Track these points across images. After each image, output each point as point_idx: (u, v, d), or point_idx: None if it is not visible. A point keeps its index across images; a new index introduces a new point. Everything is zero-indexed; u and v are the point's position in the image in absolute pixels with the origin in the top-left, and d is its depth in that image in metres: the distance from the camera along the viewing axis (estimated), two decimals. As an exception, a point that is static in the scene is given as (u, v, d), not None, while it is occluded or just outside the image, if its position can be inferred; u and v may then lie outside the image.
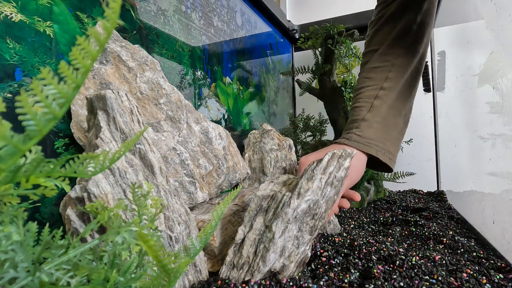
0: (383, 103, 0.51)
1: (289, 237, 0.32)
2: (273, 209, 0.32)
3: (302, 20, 1.25)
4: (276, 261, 0.32)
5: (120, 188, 0.28)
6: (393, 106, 0.51)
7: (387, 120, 0.51)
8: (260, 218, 0.33)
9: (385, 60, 0.53)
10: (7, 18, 0.31)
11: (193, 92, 0.62)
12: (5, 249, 0.15)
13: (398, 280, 0.31)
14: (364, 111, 0.52)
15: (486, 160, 0.59)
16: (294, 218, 0.31)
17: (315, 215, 0.32)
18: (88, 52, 0.11)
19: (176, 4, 0.58)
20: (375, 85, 0.53)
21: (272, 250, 0.31)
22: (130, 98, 0.34)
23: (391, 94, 0.51)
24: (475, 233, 0.50)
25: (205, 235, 0.23)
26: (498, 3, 0.49)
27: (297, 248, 0.32)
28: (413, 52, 0.52)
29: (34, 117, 0.11)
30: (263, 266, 0.31)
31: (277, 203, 0.32)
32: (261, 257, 0.31)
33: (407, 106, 0.53)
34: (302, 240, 0.32)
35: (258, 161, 0.58)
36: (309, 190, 0.31)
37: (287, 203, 0.31)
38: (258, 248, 0.32)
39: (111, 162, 0.17)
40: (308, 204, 0.31)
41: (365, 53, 0.58)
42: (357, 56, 0.81)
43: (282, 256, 0.32)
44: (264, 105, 0.99)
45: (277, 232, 0.31)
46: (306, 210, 0.32)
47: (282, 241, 0.32)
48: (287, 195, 0.32)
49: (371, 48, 0.56)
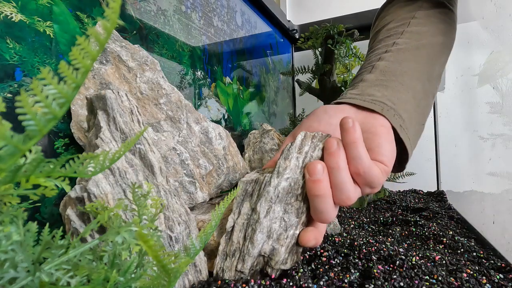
0: (389, 62, 0.40)
1: (275, 218, 0.32)
2: (257, 192, 0.33)
3: (302, 20, 1.25)
4: (264, 242, 0.32)
5: (120, 188, 0.28)
6: (404, 65, 0.39)
7: (397, 78, 0.38)
8: (246, 203, 0.34)
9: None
10: (7, 18, 0.31)
11: (193, 92, 0.62)
12: (5, 249, 0.15)
13: (398, 280, 0.31)
14: (363, 74, 0.41)
15: (486, 160, 0.59)
16: (276, 197, 0.32)
17: (298, 196, 0.33)
18: (88, 52, 0.11)
19: (176, 4, 0.58)
20: (380, 50, 0.42)
21: (258, 230, 0.32)
22: (130, 98, 0.34)
23: (399, 52, 0.40)
24: (475, 233, 0.50)
25: (205, 235, 0.23)
26: (498, 3, 0.49)
27: (285, 230, 0.33)
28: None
29: (34, 117, 0.11)
30: (252, 248, 0.32)
31: (259, 185, 0.33)
32: (250, 239, 0.32)
33: (428, 70, 0.40)
34: (289, 222, 0.33)
35: (258, 161, 0.58)
36: (287, 168, 0.32)
37: (268, 182, 0.32)
38: (246, 232, 0.33)
39: (111, 162, 0.17)
40: (289, 183, 0.32)
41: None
42: (357, 56, 0.81)
43: (271, 238, 0.32)
44: (264, 105, 0.99)
45: (261, 212, 0.32)
46: (288, 189, 0.32)
47: (268, 222, 0.32)
48: (267, 175, 0.33)
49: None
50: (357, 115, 0.36)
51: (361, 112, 0.36)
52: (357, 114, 0.36)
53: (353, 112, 0.37)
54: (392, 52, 0.41)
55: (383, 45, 0.44)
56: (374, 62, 0.42)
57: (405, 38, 0.42)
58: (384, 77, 0.39)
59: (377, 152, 0.32)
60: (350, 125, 0.29)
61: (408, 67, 0.39)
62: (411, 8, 0.46)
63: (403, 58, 0.40)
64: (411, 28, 0.43)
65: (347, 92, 0.40)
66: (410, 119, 0.37)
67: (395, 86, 0.38)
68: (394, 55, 0.41)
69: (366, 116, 0.36)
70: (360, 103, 0.36)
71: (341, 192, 0.30)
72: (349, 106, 0.37)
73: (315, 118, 0.38)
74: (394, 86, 0.38)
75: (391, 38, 0.44)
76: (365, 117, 0.36)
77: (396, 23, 0.45)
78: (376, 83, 0.39)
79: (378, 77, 0.39)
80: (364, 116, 0.36)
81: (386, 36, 0.45)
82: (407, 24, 0.44)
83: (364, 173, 0.30)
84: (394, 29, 0.45)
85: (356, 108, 0.37)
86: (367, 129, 0.34)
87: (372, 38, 0.50)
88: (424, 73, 0.40)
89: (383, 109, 0.35)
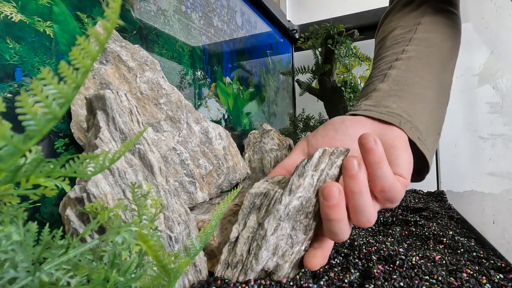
0: (401, 70, 0.40)
1: (282, 235, 0.31)
2: (265, 206, 0.32)
3: (302, 20, 1.25)
4: (269, 259, 0.32)
5: (120, 188, 0.28)
6: (416, 74, 0.39)
7: (410, 88, 0.38)
8: (253, 216, 0.33)
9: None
10: (7, 18, 0.31)
11: (193, 92, 0.62)
12: (5, 249, 0.15)
13: (398, 280, 0.31)
14: (376, 83, 0.40)
15: (486, 160, 0.59)
16: (286, 215, 0.31)
17: (308, 214, 0.32)
18: (88, 52, 0.11)
19: (176, 4, 0.58)
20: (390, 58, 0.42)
21: (264, 247, 0.31)
22: (130, 98, 0.34)
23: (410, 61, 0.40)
24: (475, 233, 0.50)
25: (205, 235, 0.23)
26: (498, 3, 0.49)
27: (291, 247, 0.32)
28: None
29: (34, 117, 0.11)
30: (256, 265, 0.31)
31: (269, 200, 0.32)
32: (254, 255, 0.31)
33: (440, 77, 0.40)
34: (296, 239, 0.32)
35: (258, 161, 0.58)
36: (301, 187, 0.31)
37: (279, 199, 0.31)
38: (251, 246, 0.32)
39: (111, 162, 0.17)
40: (300, 201, 0.31)
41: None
42: (357, 56, 0.81)
43: (276, 254, 0.32)
44: (264, 105, 0.99)
45: (269, 229, 0.31)
46: (299, 207, 0.31)
47: (275, 239, 0.31)
48: (279, 191, 0.31)
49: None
50: (374, 126, 0.36)
51: (378, 123, 0.36)
52: (374, 125, 0.36)
53: (370, 123, 0.36)
54: (403, 60, 0.41)
55: (392, 52, 0.43)
56: (385, 70, 0.41)
57: (414, 45, 0.42)
58: (397, 87, 0.39)
59: (396, 165, 0.32)
60: (373, 144, 0.28)
61: (420, 76, 0.39)
62: (416, 14, 0.45)
63: (414, 66, 0.40)
64: (418, 34, 0.43)
65: (361, 103, 0.39)
66: (427, 130, 0.37)
67: (409, 97, 0.38)
68: (405, 63, 0.40)
69: (383, 128, 0.35)
70: (377, 115, 0.36)
71: (362, 215, 0.29)
72: (365, 118, 0.37)
73: (331, 128, 0.37)
74: (408, 97, 0.38)
75: (399, 45, 0.43)
76: (383, 129, 0.35)
77: (402, 30, 0.45)
78: (390, 93, 0.38)
79: (392, 87, 0.39)
80: (381, 128, 0.35)
81: (394, 43, 0.44)
82: (414, 31, 0.43)
83: (389, 191, 0.29)
84: (401, 35, 0.44)
85: (372, 119, 0.37)
86: (384, 140, 0.33)
87: (377, 45, 0.50)
88: (436, 81, 0.40)
89: (401, 122, 0.35)
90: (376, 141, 0.28)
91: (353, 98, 0.82)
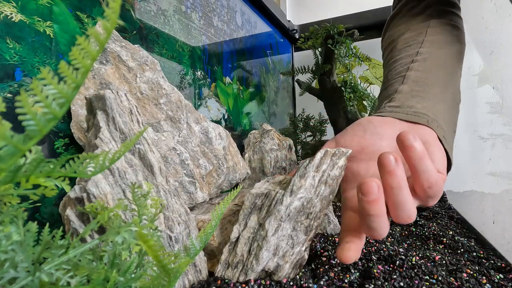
0: (419, 72, 0.40)
1: (283, 236, 0.31)
2: (266, 207, 0.32)
3: (302, 20, 1.25)
4: (269, 260, 0.32)
5: (120, 188, 0.28)
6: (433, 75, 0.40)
7: (430, 88, 0.39)
8: (254, 217, 0.33)
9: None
10: (7, 18, 0.31)
11: (193, 92, 0.62)
12: (5, 249, 0.15)
13: (398, 280, 0.31)
14: (396, 85, 0.41)
15: (486, 160, 0.59)
16: (287, 216, 0.31)
17: (309, 214, 0.32)
18: (88, 52, 0.11)
19: (176, 4, 0.58)
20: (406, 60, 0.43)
21: (265, 248, 0.31)
22: (130, 98, 0.34)
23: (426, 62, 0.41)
24: (475, 233, 0.50)
25: (205, 235, 0.23)
26: (498, 3, 0.49)
27: (291, 248, 0.32)
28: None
29: (34, 117, 0.11)
30: (257, 265, 0.31)
31: (270, 201, 0.32)
32: (255, 255, 0.31)
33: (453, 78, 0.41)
34: (296, 240, 0.32)
35: (258, 161, 0.58)
36: (302, 188, 0.31)
37: (280, 200, 0.31)
38: (252, 247, 0.32)
39: (111, 162, 0.17)
40: (302, 202, 0.31)
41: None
42: (357, 56, 0.81)
43: (276, 255, 0.32)
44: (264, 105, 0.99)
45: (270, 230, 0.31)
46: (300, 208, 0.31)
47: (276, 240, 0.31)
48: (280, 192, 0.32)
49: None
50: (403, 125, 0.36)
51: (405, 123, 0.36)
52: (402, 125, 0.36)
53: (398, 123, 0.36)
54: (419, 62, 0.41)
55: (405, 55, 0.44)
56: (403, 72, 0.42)
57: (427, 47, 0.42)
58: (419, 88, 0.39)
59: (432, 160, 0.31)
60: (413, 141, 0.28)
61: (436, 77, 0.40)
62: (423, 18, 0.46)
63: (430, 67, 0.41)
64: (429, 37, 0.43)
65: (385, 106, 0.39)
66: (448, 129, 0.37)
67: (431, 97, 0.38)
68: (421, 64, 0.41)
69: (412, 127, 0.36)
70: (404, 117, 0.36)
71: (403, 211, 0.28)
72: (392, 118, 0.37)
73: (359, 128, 0.37)
74: (430, 97, 0.38)
75: (412, 48, 0.44)
76: (412, 129, 0.35)
77: (412, 33, 0.45)
78: (413, 94, 0.39)
79: (413, 88, 0.39)
80: (410, 127, 0.36)
81: (406, 46, 0.45)
82: (424, 34, 0.44)
83: (434, 186, 0.29)
84: (412, 38, 0.45)
85: (399, 120, 0.37)
86: None
87: (387, 47, 0.50)
88: (450, 82, 0.41)
89: (428, 121, 0.35)
90: (416, 137, 0.28)
91: (353, 98, 0.82)
